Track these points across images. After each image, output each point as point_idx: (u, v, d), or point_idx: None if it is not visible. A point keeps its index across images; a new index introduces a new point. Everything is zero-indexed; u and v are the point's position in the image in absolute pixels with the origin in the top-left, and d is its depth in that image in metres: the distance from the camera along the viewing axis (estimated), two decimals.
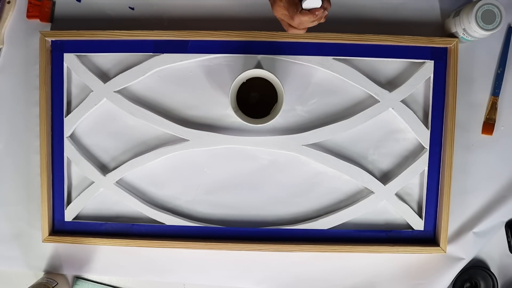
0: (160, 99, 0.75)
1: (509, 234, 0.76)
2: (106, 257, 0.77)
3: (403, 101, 0.74)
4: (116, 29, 0.73)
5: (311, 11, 0.54)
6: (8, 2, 0.76)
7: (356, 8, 0.75)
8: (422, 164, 0.74)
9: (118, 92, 0.74)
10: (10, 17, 0.76)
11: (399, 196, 0.76)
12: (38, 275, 0.78)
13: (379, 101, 0.74)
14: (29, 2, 0.75)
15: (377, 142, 0.76)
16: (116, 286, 0.78)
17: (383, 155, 0.76)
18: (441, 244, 0.74)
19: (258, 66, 0.74)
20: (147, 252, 0.76)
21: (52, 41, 0.74)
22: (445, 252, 0.74)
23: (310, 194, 0.76)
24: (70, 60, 0.74)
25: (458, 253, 0.75)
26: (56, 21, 0.76)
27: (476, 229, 0.75)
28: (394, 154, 0.76)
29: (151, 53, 0.74)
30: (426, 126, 0.74)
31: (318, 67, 0.74)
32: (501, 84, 0.75)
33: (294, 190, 0.76)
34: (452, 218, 0.74)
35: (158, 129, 0.75)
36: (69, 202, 0.76)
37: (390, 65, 0.75)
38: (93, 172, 0.75)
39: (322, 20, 0.57)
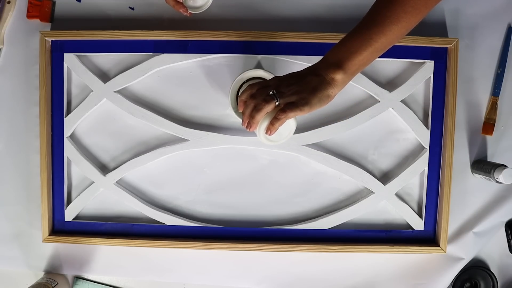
0: (160, 99, 0.75)
1: (509, 234, 0.76)
2: (106, 257, 0.77)
3: (403, 101, 0.74)
4: (116, 29, 0.73)
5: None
6: (8, 2, 0.76)
7: (357, 8, 0.75)
8: (422, 164, 0.74)
9: (118, 92, 0.74)
10: (10, 17, 0.76)
11: (399, 196, 0.76)
12: (38, 275, 0.78)
13: (379, 101, 0.74)
14: (29, 2, 0.75)
15: (377, 142, 0.76)
16: (116, 286, 0.78)
17: (383, 155, 0.76)
18: (441, 244, 0.74)
19: (258, 66, 0.74)
20: (147, 252, 0.76)
21: (52, 41, 0.74)
22: (445, 252, 0.74)
23: (310, 194, 0.76)
24: (70, 60, 0.74)
25: (458, 253, 0.75)
26: (56, 21, 0.76)
27: (476, 229, 0.75)
28: (394, 154, 0.76)
29: (151, 53, 0.74)
30: (426, 126, 0.74)
31: None
32: (501, 84, 0.75)
33: (294, 190, 0.76)
34: (452, 218, 0.74)
35: (158, 129, 0.75)
36: (69, 202, 0.76)
37: (390, 65, 0.75)
38: (93, 172, 0.75)
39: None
